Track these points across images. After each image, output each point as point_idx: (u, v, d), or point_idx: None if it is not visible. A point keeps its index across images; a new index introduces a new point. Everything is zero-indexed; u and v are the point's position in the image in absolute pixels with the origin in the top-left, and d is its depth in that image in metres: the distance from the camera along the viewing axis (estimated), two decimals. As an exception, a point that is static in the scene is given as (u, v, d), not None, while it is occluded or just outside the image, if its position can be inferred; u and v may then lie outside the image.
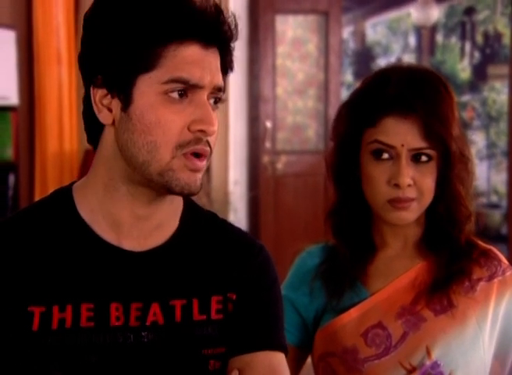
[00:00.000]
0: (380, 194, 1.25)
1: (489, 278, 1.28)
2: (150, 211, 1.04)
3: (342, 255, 1.32)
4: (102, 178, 1.03)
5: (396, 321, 1.26)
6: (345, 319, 1.28)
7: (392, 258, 1.31)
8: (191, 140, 0.98)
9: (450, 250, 1.28)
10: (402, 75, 1.25)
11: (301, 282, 1.35)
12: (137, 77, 0.98)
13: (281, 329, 1.11)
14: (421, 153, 1.23)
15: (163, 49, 0.97)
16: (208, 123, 0.98)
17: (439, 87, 1.25)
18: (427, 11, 5.99)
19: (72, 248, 1.03)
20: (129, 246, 1.04)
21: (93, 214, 1.04)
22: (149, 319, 1.03)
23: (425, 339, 1.24)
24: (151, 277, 1.04)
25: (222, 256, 1.09)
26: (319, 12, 5.55)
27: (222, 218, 1.16)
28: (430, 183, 1.24)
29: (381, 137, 1.23)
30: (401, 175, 1.21)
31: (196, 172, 1.00)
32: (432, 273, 1.27)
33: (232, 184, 5.46)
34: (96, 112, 1.00)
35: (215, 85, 1.00)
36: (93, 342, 1.00)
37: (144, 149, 0.98)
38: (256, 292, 1.08)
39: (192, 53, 0.98)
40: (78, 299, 1.01)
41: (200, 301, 1.05)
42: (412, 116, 1.21)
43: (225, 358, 1.06)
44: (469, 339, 1.24)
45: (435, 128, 1.21)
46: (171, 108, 0.98)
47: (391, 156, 1.23)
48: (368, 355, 1.25)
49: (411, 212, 1.25)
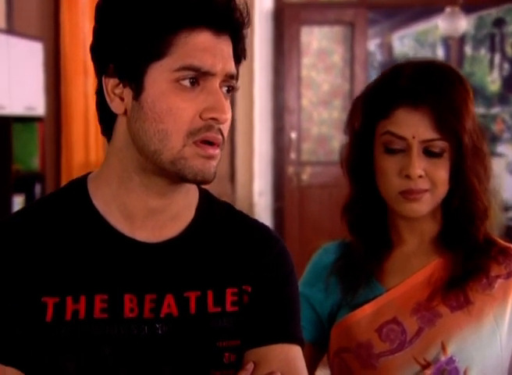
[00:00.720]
0: (392, 186, 1.24)
1: (508, 275, 1.26)
2: (164, 203, 1.03)
3: (357, 251, 1.30)
4: (115, 169, 1.03)
5: (411, 317, 1.24)
6: (359, 314, 1.27)
7: (408, 255, 1.29)
8: (202, 127, 0.97)
9: (467, 247, 1.26)
10: (415, 67, 1.25)
11: (317, 278, 1.34)
12: (148, 65, 0.97)
13: (297, 322, 1.09)
14: (433, 145, 1.21)
15: (174, 37, 0.96)
16: (220, 110, 0.97)
17: (452, 80, 1.23)
18: (455, 21, 5.93)
19: (87, 239, 1.02)
20: (144, 237, 1.03)
21: (107, 205, 1.04)
22: (163, 311, 1.02)
23: (441, 335, 1.22)
24: (166, 269, 1.03)
25: (238, 248, 1.07)
26: (344, 23, 5.56)
27: (239, 210, 1.14)
28: (443, 175, 1.22)
29: (392, 129, 1.22)
30: (412, 166, 1.20)
31: (209, 159, 0.98)
32: (448, 269, 1.26)
33: (257, 195, 5.46)
34: (108, 101, 0.99)
35: (227, 72, 0.99)
36: (106, 334, 0.99)
37: (155, 138, 0.97)
38: (271, 284, 1.07)
39: (203, 40, 0.97)
40: (92, 290, 1.00)
41: (215, 293, 1.04)
42: (423, 108, 1.20)
43: (240, 350, 1.04)
44: (486, 335, 1.22)
45: (446, 119, 1.20)
46: (182, 96, 0.96)
47: (403, 148, 1.22)
48: (382, 350, 1.24)
49: (424, 204, 1.23)
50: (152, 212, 1.03)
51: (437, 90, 1.21)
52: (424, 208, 1.23)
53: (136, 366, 1.00)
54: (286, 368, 1.03)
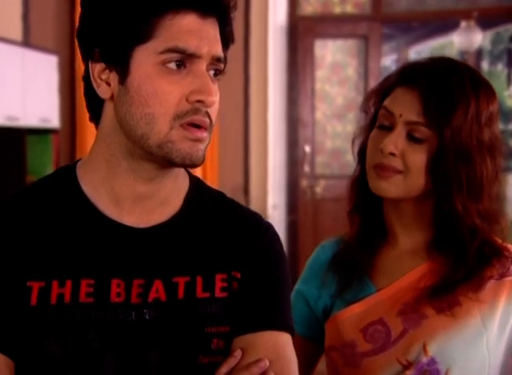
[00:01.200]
0: (368, 159, 1.24)
1: (500, 276, 1.23)
2: (152, 188, 1.03)
3: (353, 244, 1.30)
4: (104, 154, 1.02)
5: (396, 318, 1.23)
6: (348, 313, 1.26)
7: (401, 256, 1.28)
8: (189, 110, 0.96)
9: (460, 254, 1.23)
10: (430, 57, 1.26)
11: (314, 275, 1.33)
12: (134, 49, 0.96)
13: (287, 309, 1.07)
14: (416, 130, 1.20)
15: (159, 19, 0.95)
16: (207, 93, 0.96)
17: (461, 77, 1.22)
18: (470, 36, 5.92)
19: (74, 223, 1.02)
20: (132, 222, 1.03)
21: (95, 190, 1.03)
22: (151, 296, 1.01)
23: (424, 336, 1.20)
24: (154, 254, 1.03)
25: (228, 234, 1.07)
26: (358, 36, 5.57)
27: (230, 198, 1.13)
28: (418, 161, 1.20)
29: (387, 104, 1.23)
30: (388, 141, 1.20)
31: (197, 142, 0.98)
32: (439, 273, 1.24)
33: (271, 208, 5.45)
34: (95, 86, 0.99)
35: (213, 55, 0.98)
36: (92, 318, 0.99)
37: (142, 121, 0.97)
38: (261, 271, 1.06)
39: (188, 22, 0.96)
40: (78, 274, 1.00)
41: (204, 279, 1.03)
42: (418, 90, 1.20)
43: (229, 337, 1.03)
44: (470, 337, 1.20)
45: (434, 107, 1.19)
46: (168, 79, 0.96)
47: (391, 126, 1.22)
48: (365, 350, 1.23)
49: (393, 185, 1.21)
50: (140, 198, 1.03)
51: (436, 78, 1.20)
52: (392, 190, 1.22)
53: (123, 350, 0.99)
54: (274, 355, 1.02)
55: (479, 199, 1.23)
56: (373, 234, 1.30)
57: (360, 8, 5.72)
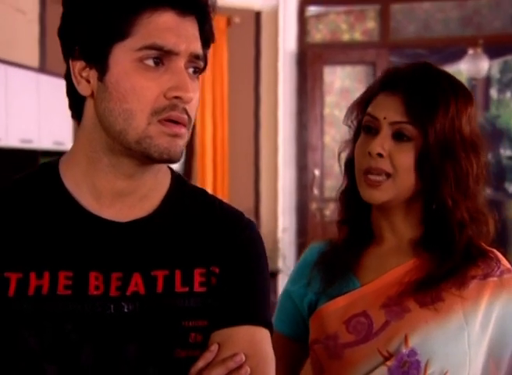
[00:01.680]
0: (357, 165, 1.26)
1: (484, 277, 1.25)
2: (132, 184, 1.04)
3: (339, 244, 1.33)
4: (85, 150, 1.03)
5: (380, 310, 1.25)
6: (332, 306, 1.28)
7: (386, 253, 1.30)
8: (167, 106, 0.97)
9: (446, 251, 1.25)
10: (409, 64, 1.30)
11: (301, 275, 1.35)
12: (112, 46, 0.98)
13: (265, 305, 1.08)
14: (403, 128, 1.23)
15: (137, 17, 0.97)
16: (184, 89, 0.97)
17: (439, 80, 1.26)
18: (477, 63, 6.00)
19: (54, 216, 1.03)
20: (112, 216, 1.04)
21: (77, 185, 1.04)
22: (130, 289, 1.01)
23: (405, 328, 1.22)
24: (133, 248, 1.03)
25: (207, 230, 1.08)
26: (366, 63, 5.66)
27: (213, 195, 1.15)
28: (405, 161, 1.23)
29: (370, 110, 1.27)
30: (373, 143, 1.23)
31: (175, 137, 0.98)
32: (424, 270, 1.26)
33: (281, 231, 5.50)
34: (75, 84, 1.01)
35: (191, 52, 0.99)
36: (70, 310, 0.99)
37: (120, 117, 0.98)
38: (239, 267, 1.06)
39: (166, 20, 0.98)
40: (56, 267, 1.00)
41: (183, 273, 1.04)
42: (399, 93, 1.24)
43: (207, 331, 1.03)
44: (452, 331, 1.22)
45: (416, 107, 1.22)
46: (146, 76, 0.97)
47: (377, 132, 1.25)
48: (347, 340, 1.25)
49: (383, 192, 1.23)
50: (120, 193, 1.04)
51: (414, 81, 1.25)
52: (383, 196, 1.24)
53: (101, 343, 0.99)
54: (250, 350, 1.02)
55: (467, 196, 1.25)
56: (360, 237, 1.32)
57: (368, 35, 5.83)
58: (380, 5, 5.69)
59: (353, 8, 5.86)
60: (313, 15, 5.82)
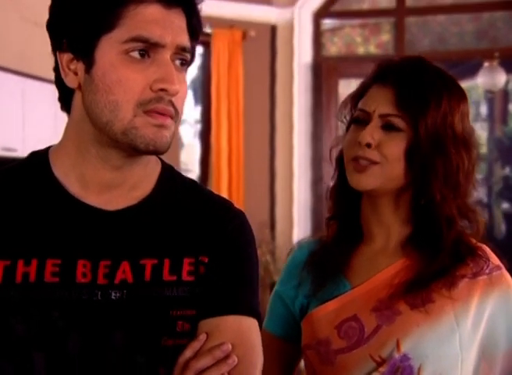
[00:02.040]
0: (346, 154, 1.26)
1: (474, 276, 1.24)
2: (120, 175, 1.05)
3: (328, 244, 1.31)
4: (73, 141, 1.04)
5: (370, 314, 1.23)
6: (322, 311, 1.26)
7: (376, 253, 1.29)
8: (152, 98, 0.98)
9: (434, 250, 1.23)
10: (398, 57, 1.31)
11: (290, 276, 1.34)
12: (99, 38, 0.98)
13: (253, 295, 1.08)
14: (392, 120, 1.22)
15: (123, 9, 0.98)
16: (170, 81, 0.97)
17: (432, 75, 1.25)
18: (494, 76, 6.00)
19: (43, 204, 1.04)
20: (101, 204, 1.04)
21: (66, 175, 1.05)
22: (118, 277, 1.01)
23: (397, 332, 1.20)
24: (122, 236, 1.03)
25: (197, 219, 1.08)
26: (382, 75, 5.69)
27: (203, 186, 1.15)
28: (396, 150, 1.21)
29: (361, 105, 1.26)
30: (364, 132, 1.22)
31: (161, 128, 0.99)
32: (413, 270, 1.24)
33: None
34: (63, 76, 1.02)
35: (178, 44, 0.99)
36: (57, 297, 0.99)
37: (106, 109, 0.98)
38: (228, 257, 1.07)
39: (152, 12, 0.98)
40: (44, 254, 1.01)
41: (172, 262, 1.04)
42: (390, 85, 1.23)
43: (195, 320, 1.03)
44: (443, 333, 1.20)
45: (407, 100, 1.21)
46: (132, 68, 0.98)
47: (367, 121, 1.24)
48: (339, 346, 1.23)
49: (370, 177, 1.22)
50: (109, 185, 1.05)
51: (406, 74, 1.24)
52: (370, 182, 1.23)
53: (88, 330, 0.99)
54: (238, 339, 1.02)
55: (457, 192, 1.24)
56: (349, 235, 1.30)
57: (383, 48, 5.86)
58: (395, 18, 5.72)
59: (368, 22, 5.90)
60: (328, 28, 5.87)
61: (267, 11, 5.46)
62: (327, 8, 5.66)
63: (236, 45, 5.32)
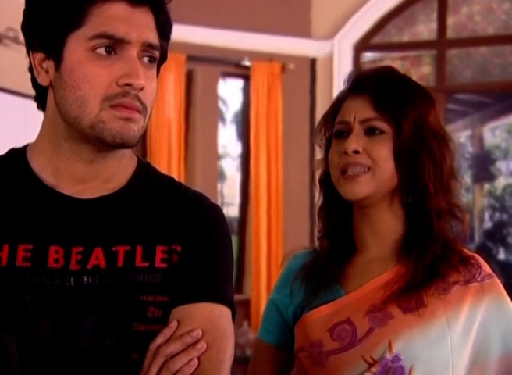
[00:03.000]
0: (333, 166, 1.28)
1: (466, 282, 1.27)
2: (93, 169, 1.08)
3: (322, 255, 1.34)
4: (48, 137, 1.09)
5: (364, 317, 1.26)
6: (315, 315, 1.29)
7: (370, 261, 1.31)
8: (119, 93, 1.02)
9: (427, 255, 1.26)
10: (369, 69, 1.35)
11: (284, 284, 1.36)
12: (67, 36, 1.03)
13: (226, 284, 1.10)
14: (374, 124, 1.25)
15: (89, 7, 1.02)
16: (135, 76, 1.01)
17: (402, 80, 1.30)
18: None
19: (19, 194, 1.08)
20: (75, 194, 1.08)
21: (42, 169, 1.09)
22: (91, 263, 1.05)
23: (389, 334, 1.23)
24: (95, 223, 1.07)
25: (171, 210, 1.11)
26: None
27: (179, 181, 1.18)
28: (382, 152, 1.25)
29: (339, 118, 1.29)
30: (348, 141, 1.24)
31: (128, 121, 1.02)
32: (406, 276, 1.26)
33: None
34: (36, 75, 1.07)
35: (144, 41, 1.03)
36: (28, 282, 1.02)
37: (74, 104, 1.03)
38: (201, 246, 1.09)
39: (117, 10, 1.02)
40: (16, 240, 1.04)
41: (145, 249, 1.07)
42: (364, 94, 1.26)
43: (167, 307, 1.06)
44: (434, 336, 1.22)
45: (385, 104, 1.25)
46: (98, 64, 1.02)
47: (349, 132, 1.27)
48: (331, 348, 1.25)
49: (363, 185, 1.24)
50: (83, 178, 1.09)
51: (379, 81, 1.29)
52: (363, 190, 1.25)
53: (58, 315, 1.02)
54: (208, 325, 1.04)
55: (444, 188, 1.27)
56: (342, 248, 1.34)
57: (424, 80, 5.81)
58: (436, 51, 5.68)
59: (409, 54, 5.88)
60: (368, 61, 5.86)
61: (306, 44, 5.49)
62: (367, 41, 5.66)
63: (276, 78, 5.35)
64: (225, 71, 5.42)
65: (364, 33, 5.61)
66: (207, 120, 5.36)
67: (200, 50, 5.09)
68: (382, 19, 5.59)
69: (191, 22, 4.98)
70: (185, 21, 4.87)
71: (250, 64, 5.31)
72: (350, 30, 5.56)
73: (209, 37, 5.11)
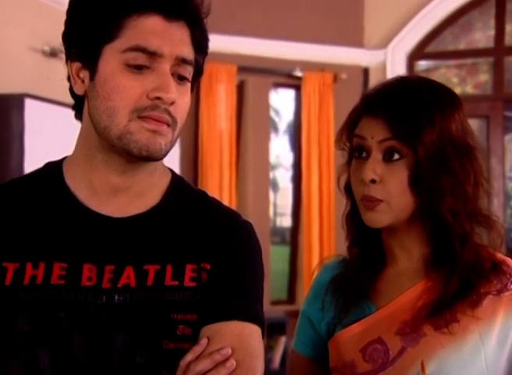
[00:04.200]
0: (355, 192, 1.25)
1: (498, 292, 1.22)
2: (125, 180, 1.08)
3: (352, 270, 1.31)
4: (82, 148, 1.10)
5: (395, 336, 1.22)
6: (347, 333, 1.26)
7: (399, 274, 1.28)
8: (148, 106, 1.02)
9: (456, 267, 1.21)
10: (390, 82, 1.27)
11: (316, 297, 1.34)
12: (103, 47, 1.04)
13: (256, 302, 1.10)
14: (392, 146, 1.20)
15: (124, 20, 1.03)
16: (165, 90, 1.01)
17: (420, 94, 1.22)
18: None
19: (54, 210, 1.09)
20: (108, 212, 1.09)
21: (76, 183, 1.10)
22: (121, 282, 1.06)
23: (422, 354, 1.19)
24: (127, 242, 1.07)
25: (202, 228, 1.11)
26: (479, 116, 5.50)
27: (213, 197, 1.18)
28: (399, 183, 1.20)
29: (357, 131, 1.25)
30: (365, 169, 1.20)
31: (155, 134, 1.02)
32: (436, 289, 1.23)
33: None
34: (72, 84, 1.08)
35: (177, 55, 1.03)
36: (62, 299, 1.04)
37: (104, 114, 1.03)
38: (230, 264, 1.09)
39: (152, 24, 1.03)
40: (52, 258, 1.05)
41: (174, 268, 1.07)
42: (381, 116, 1.21)
43: (196, 325, 1.06)
44: (468, 354, 1.18)
45: (401, 127, 1.19)
46: (131, 76, 1.02)
47: (368, 155, 1.23)
48: (365, 370, 1.22)
49: (381, 214, 1.21)
50: (116, 189, 1.09)
51: (395, 101, 1.21)
52: (382, 219, 1.22)
53: (90, 331, 1.03)
54: (238, 344, 1.04)
55: (466, 201, 1.21)
56: (372, 259, 1.30)
57: (481, 88, 5.68)
58: (493, 58, 5.55)
59: (465, 62, 5.75)
60: (422, 69, 5.76)
61: (358, 53, 5.43)
62: (421, 50, 5.57)
63: (327, 88, 5.31)
64: (277, 81, 5.41)
65: (418, 42, 5.52)
66: (258, 131, 5.35)
67: (252, 61, 5.08)
68: (437, 26, 5.49)
69: (242, 33, 4.98)
70: (236, 32, 4.88)
71: (301, 74, 5.28)
72: (403, 38, 5.48)
73: (260, 48, 5.10)
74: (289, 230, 5.83)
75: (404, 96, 1.22)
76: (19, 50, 3.88)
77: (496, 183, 5.38)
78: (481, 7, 5.50)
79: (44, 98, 3.54)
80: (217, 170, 5.05)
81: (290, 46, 5.18)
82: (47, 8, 3.96)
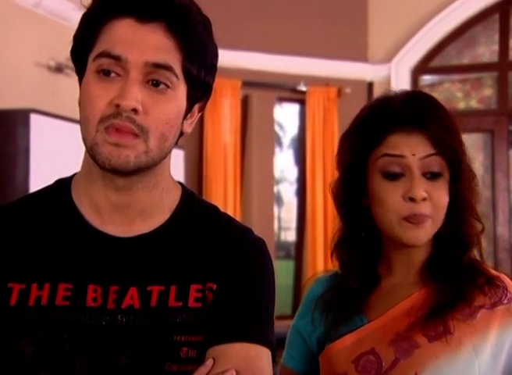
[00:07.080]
0: (395, 211, 1.21)
1: (492, 306, 1.21)
2: (124, 197, 1.05)
3: (345, 288, 1.29)
4: (84, 164, 1.08)
5: (388, 347, 1.20)
6: (339, 345, 1.24)
7: (394, 286, 1.27)
8: (111, 114, 0.98)
9: (452, 277, 1.22)
10: (404, 95, 1.26)
11: (307, 311, 1.33)
12: (88, 57, 1.02)
13: (265, 323, 1.06)
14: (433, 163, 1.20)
15: (101, 27, 1.00)
16: (123, 97, 0.96)
17: (441, 107, 1.25)
18: None
19: (60, 230, 1.07)
20: (113, 231, 1.06)
21: (80, 200, 1.08)
22: (125, 303, 1.03)
23: (415, 365, 1.17)
24: (131, 262, 1.05)
25: (210, 246, 1.07)
26: (484, 130, 5.50)
27: (224, 212, 1.14)
28: (444, 199, 1.21)
29: (390, 151, 1.22)
30: (415, 187, 1.18)
31: (118, 147, 0.98)
32: (430, 299, 1.22)
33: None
34: None
35: (146, 61, 0.98)
36: (66, 320, 1.01)
37: (82, 126, 1.01)
38: (237, 283, 1.05)
39: (121, 27, 0.98)
40: (57, 279, 1.03)
41: (178, 289, 1.04)
42: (419, 131, 1.20)
43: (202, 346, 1.03)
44: (462, 365, 1.16)
45: (443, 138, 1.19)
46: (100, 84, 0.99)
47: (402, 172, 1.21)
48: None
49: (427, 230, 1.21)
50: (116, 206, 1.06)
51: (430, 113, 1.22)
52: (427, 236, 1.22)
53: (94, 353, 1.01)
54: (244, 366, 1.00)
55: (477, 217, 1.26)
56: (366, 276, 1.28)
57: (485, 103, 5.68)
58: (497, 73, 5.55)
59: (469, 77, 5.76)
60: (427, 84, 5.77)
61: (362, 68, 5.44)
62: (425, 64, 5.58)
63: (332, 102, 5.31)
64: (281, 96, 5.41)
65: (422, 56, 5.53)
66: (263, 145, 5.35)
67: (256, 75, 5.09)
68: (442, 41, 5.50)
69: (246, 48, 5.00)
70: (240, 47, 4.89)
71: (306, 89, 5.28)
72: (407, 53, 5.49)
73: (264, 63, 5.12)
74: (294, 244, 5.81)
75: (436, 111, 1.23)
76: (24, 65, 3.89)
77: (501, 198, 5.37)
78: (485, 22, 5.51)
79: (50, 113, 3.55)
80: (221, 184, 5.05)
81: (294, 61, 5.20)
82: (52, 23, 3.98)
